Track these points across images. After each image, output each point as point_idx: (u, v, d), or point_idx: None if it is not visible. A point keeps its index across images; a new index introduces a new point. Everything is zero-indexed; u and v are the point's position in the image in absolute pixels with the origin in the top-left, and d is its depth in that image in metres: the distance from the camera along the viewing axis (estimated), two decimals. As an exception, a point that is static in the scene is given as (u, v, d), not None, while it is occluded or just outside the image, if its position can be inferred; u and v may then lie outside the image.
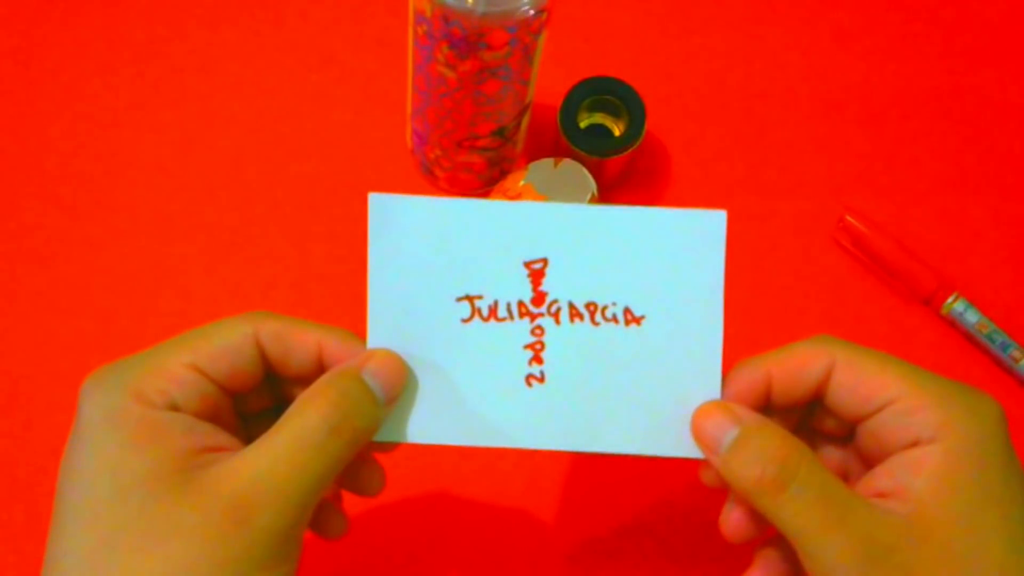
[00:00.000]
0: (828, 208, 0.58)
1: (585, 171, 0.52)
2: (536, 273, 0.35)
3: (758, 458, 0.33)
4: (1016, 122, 0.61)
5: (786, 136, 0.60)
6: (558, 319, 0.35)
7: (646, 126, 0.54)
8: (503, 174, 0.55)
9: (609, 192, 0.57)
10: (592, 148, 0.53)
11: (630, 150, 0.54)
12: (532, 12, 0.43)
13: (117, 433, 0.31)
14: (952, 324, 0.56)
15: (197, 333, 0.34)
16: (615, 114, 0.56)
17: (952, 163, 0.60)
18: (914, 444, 0.33)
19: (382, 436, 0.35)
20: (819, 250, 0.57)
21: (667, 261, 0.35)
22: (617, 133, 0.56)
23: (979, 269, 0.57)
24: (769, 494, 0.32)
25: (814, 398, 0.36)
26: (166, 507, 0.30)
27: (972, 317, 0.55)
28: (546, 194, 0.51)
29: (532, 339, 0.36)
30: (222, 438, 0.33)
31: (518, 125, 0.52)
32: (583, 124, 0.56)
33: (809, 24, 0.63)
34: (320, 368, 0.35)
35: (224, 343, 0.34)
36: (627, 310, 0.36)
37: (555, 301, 0.35)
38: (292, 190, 0.57)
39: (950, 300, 0.55)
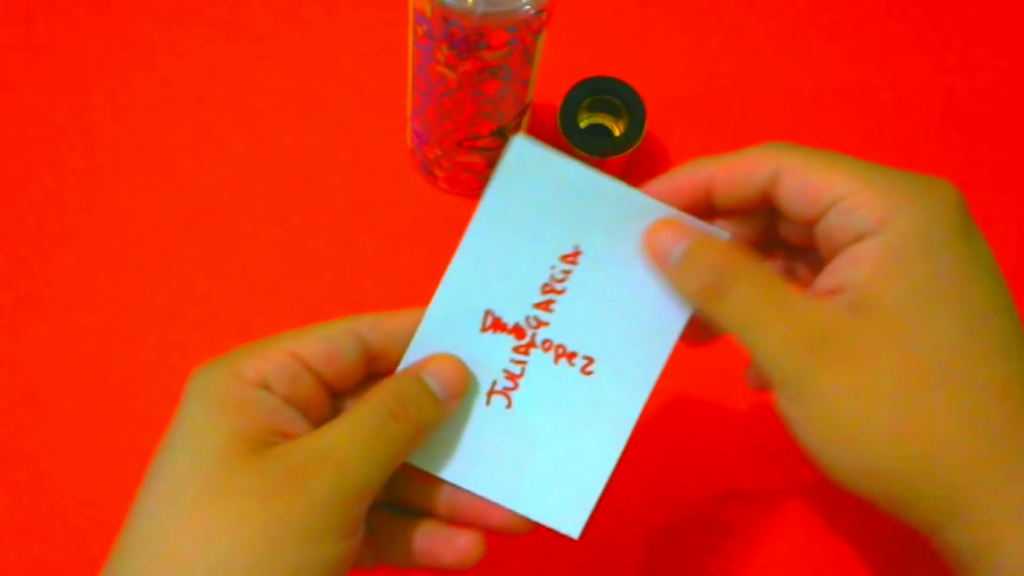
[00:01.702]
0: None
1: (585, 171, 0.52)
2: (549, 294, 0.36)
3: (702, 267, 0.34)
4: (1015, 122, 0.61)
5: (786, 136, 0.60)
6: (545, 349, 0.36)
7: (646, 126, 0.54)
8: (503, 174, 0.55)
9: (609, 192, 0.57)
10: (592, 148, 0.53)
11: (630, 150, 0.54)
12: (532, 12, 0.43)
13: (207, 401, 0.33)
14: (952, 324, 0.56)
15: (301, 329, 0.36)
16: (615, 114, 0.56)
17: (952, 163, 0.60)
18: (859, 239, 0.32)
19: None
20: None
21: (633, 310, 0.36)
22: (617, 133, 0.56)
23: (979, 269, 0.57)
24: (713, 299, 0.33)
25: (763, 203, 0.35)
26: (232, 471, 0.31)
27: (972, 317, 0.55)
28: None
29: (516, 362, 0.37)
30: (302, 426, 0.34)
31: (518, 125, 0.52)
32: (583, 124, 0.56)
33: (809, 24, 0.63)
34: None
35: (323, 332, 0.35)
36: (588, 358, 0.36)
37: (547, 341, 0.36)
38: (292, 190, 0.57)
39: (950, 300, 0.55)
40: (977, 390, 0.31)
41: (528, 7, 0.42)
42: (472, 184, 0.56)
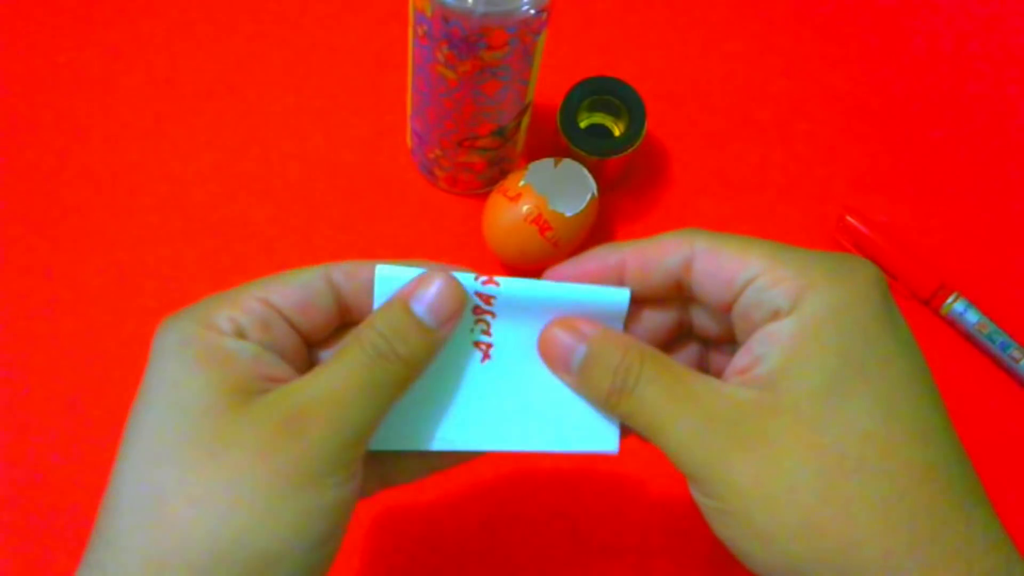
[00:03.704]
0: (828, 208, 0.58)
1: (585, 171, 0.52)
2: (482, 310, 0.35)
3: (606, 370, 0.33)
4: (1016, 122, 0.61)
5: (786, 136, 0.60)
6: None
7: (646, 126, 0.54)
8: (503, 174, 0.55)
9: (609, 192, 0.57)
10: (592, 148, 0.53)
11: (630, 150, 0.54)
12: (532, 12, 0.43)
13: (182, 356, 0.32)
14: (952, 324, 0.56)
15: (273, 276, 0.34)
16: (615, 114, 0.56)
17: (952, 163, 0.60)
18: (774, 318, 0.31)
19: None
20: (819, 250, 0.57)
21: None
22: (617, 133, 0.56)
23: (979, 269, 0.57)
24: (621, 402, 0.33)
25: (676, 291, 0.35)
26: (223, 423, 0.30)
27: (972, 317, 0.55)
28: (546, 194, 0.50)
29: (480, 323, 0.36)
30: (287, 371, 0.33)
31: (518, 125, 0.52)
32: (583, 124, 0.56)
33: (809, 24, 0.63)
34: None
35: (296, 279, 0.34)
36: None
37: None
38: (292, 190, 0.57)
39: (950, 300, 0.55)
40: (894, 477, 0.30)
41: (528, 7, 0.42)
42: (472, 184, 0.56)
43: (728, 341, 0.36)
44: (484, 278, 0.35)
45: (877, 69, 0.62)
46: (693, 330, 0.37)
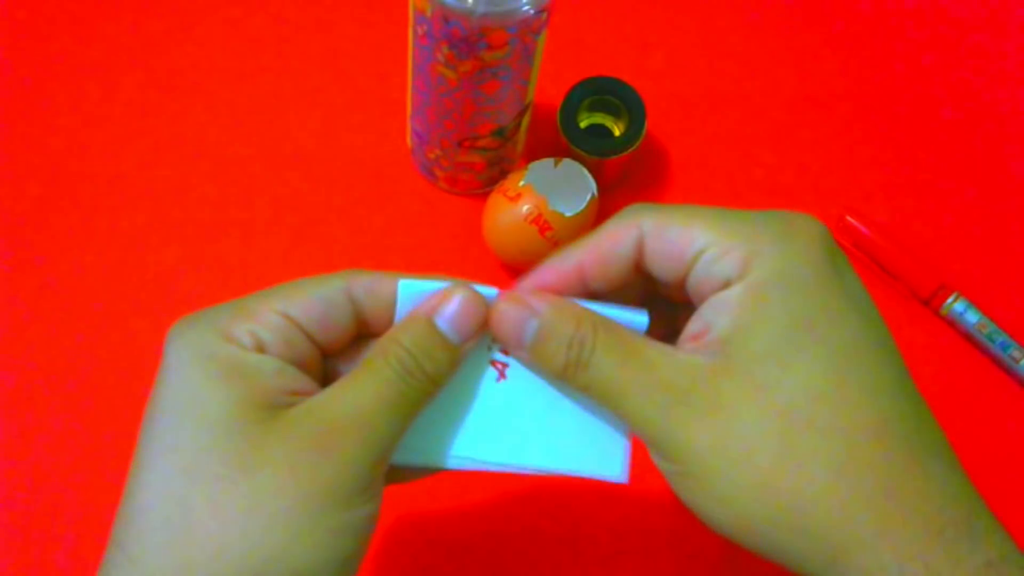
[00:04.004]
0: (828, 208, 0.58)
1: (585, 171, 0.52)
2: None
3: (559, 344, 0.32)
4: (1016, 122, 0.61)
5: (786, 136, 0.60)
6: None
7: (646, 126, 0.54)
8: (503, 174, 0.55)
9: (609, 192, 0.57)
10: (592, 148, 0.53)
11: (630, 150, 0.54)
12: (532, 12, 0.43)
13: (204, 369, 0.31)
14: (952, 324, 0.56)
15: (290, 284, 0.34)
16: (615, 114, 0.56)
17: (952, 163, 0.60)
18: (725, 287, 0.32)
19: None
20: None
21: None
22: (617, 133, 0.56)
23: (979, 269, 0.57)
24: (577, 375, 0.32)
25: (637, 274, 0.35)
26: (251, 440, 0.30)
27: (972, 317, 0.55)
28: (546, 194, 0.50)
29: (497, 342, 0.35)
30: (307, 384, 0.33)
31: (518, 125, 0.52)
32: (583, 124, 0.56)
33: (809, 24, 0.63)
34: None
35: (316, 293, 0.33)
36: None
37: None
38: (292, 189, 0.57)
39: (950, 300, 0.55)
40: (847, 434, 0.30)
41: (528, 7, 0.42)
42: (472, 184, 0.56)
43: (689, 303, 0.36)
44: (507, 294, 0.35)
45: (877, 69, 0.62)
46: (658, 292, 0.36)
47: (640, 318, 0.34)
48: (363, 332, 0.35)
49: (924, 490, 0.30)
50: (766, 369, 0.30)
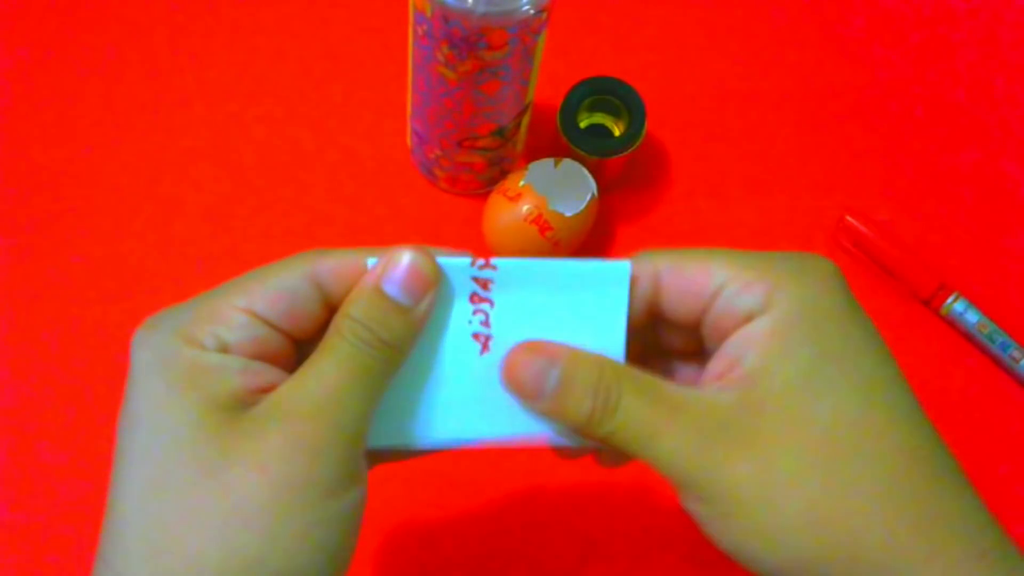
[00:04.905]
0: (828, 208, 0.58)
1: (585, 171, 0.52)
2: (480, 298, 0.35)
3: (585, 391, 0.32)
4: (1016, 122, 0.61)
5: (786, 136, 0.60)
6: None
7: (646, 126, 0.54)
8: (503, 174, 0.55)
9: (609, 192, 0.57)
10: (592, 148, 0.53)
11: (630, 150, 0.54)
12: (532, 12, 0.43)
13: (167, 375, 0.30)
14: (952, 324, 0.56)
15: (251, 276, 0.33)
16: (615, 114, 0.56)
17: (952, 163, 0.60)
18: (747, 321, 0.32)
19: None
20: (819, 250, 0.57)
21: (578, 311, 0.34)
22: (617, 133, 0.56)
23: (979, 269, 0.57)
24: (603, 422, 0.32)
25: (652, 316, 0.34)
26: (218, 443, 0.29)
27: (972, 317, 0.55)
28: (546, 194, 0.50)
29: (478, 314, 0.35)
30: (276, 376, 0.32)
31: (518, 125, 0.52)
32: (583, 124, 0.56)
33: (809, 24, 0.63)
34: None
35: (280, 284, 0.32)
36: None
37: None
38: (292, 189, 0.57)
39: (950, 300, 0.55)
40: (886, 462, 0.30)
41: (528, 7, 0.42)
42: (472, 184, 0.56)
43: (694, 352, 0.35)
44: (481, 261, 0.34)
45: (877, 69, 0.62)
46: (659, 344, 0.36)
47: (622, 268, 0.34)
48: (334, 312, 0.34)
49: (964, 513, 0.30)
50: (801, 400, 0.30)
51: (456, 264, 0.34)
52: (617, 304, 0.34)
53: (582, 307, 0.34)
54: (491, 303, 0.34)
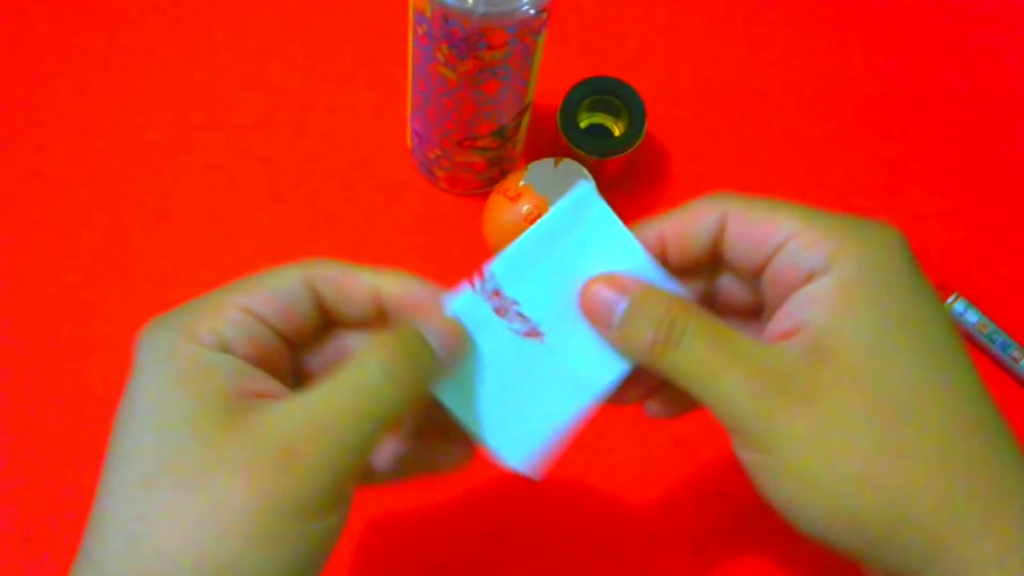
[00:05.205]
0: (828, 208, 0.57)
1: (585, 171, 0.52)
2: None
3: (649, 323, 0.33)
4: (1017, 122, 0.61)
5: (786, 136, 0.60)
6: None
7: (646, 126, 0.54)
8: (503, 174, 0.55)
9: (609, 192, 0.57)
10: (592, 148, 0.53)
11: (630, 150, 0.54)
12: (532, 12, 0.43)
13: (165, 371, 0.31)
14: (952, 324, 0.56)
15: (251, 278, 0.34)
16: (615, 114, 0.56)
17: (952, 163, 0.60)
18: (810, 279, 0.32)
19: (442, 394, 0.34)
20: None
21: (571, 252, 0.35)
22: (617, 133, 0.56)
23: (979, 269, 0.57)
24: (664, 354, 0.32)
25: (712, 256, 0.35)
26: (210, 444, 0.29)
27: (972, 317, 0.55)
28: (546, 194, 0.51)
29: (513, 320, 0.35)
30: (272, 385, 0.32)
31: (518, 125, 0.52)
32: (583, 124, 0.56)
33: (809, 24, 0.63)
34: (379, 315, 0.34)
35: (277, 286, 0.33)
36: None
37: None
38: (292, 190, 0.57)
39: (950, 300, 0.55)
40: (945, 428, 0.30)
41: (528, 7, 0.42)
42: (472, 184, 0.56)
43: (753, 313, 0.36)
44: (478, 280, 0.34)
45: (878, 70, 0.62)
46: (716, 303, 0.37)
47: (583, 187, 0.35)
48: (331, 322, 0.35)
49: (1020, 483, 0.30)
50: (867, 361, 0.31)
51: (464, 300, 0.34)
52: (606, 221, 0.35)
53: (583, 243, 0.35)
54: (515, 302, 0.35)
